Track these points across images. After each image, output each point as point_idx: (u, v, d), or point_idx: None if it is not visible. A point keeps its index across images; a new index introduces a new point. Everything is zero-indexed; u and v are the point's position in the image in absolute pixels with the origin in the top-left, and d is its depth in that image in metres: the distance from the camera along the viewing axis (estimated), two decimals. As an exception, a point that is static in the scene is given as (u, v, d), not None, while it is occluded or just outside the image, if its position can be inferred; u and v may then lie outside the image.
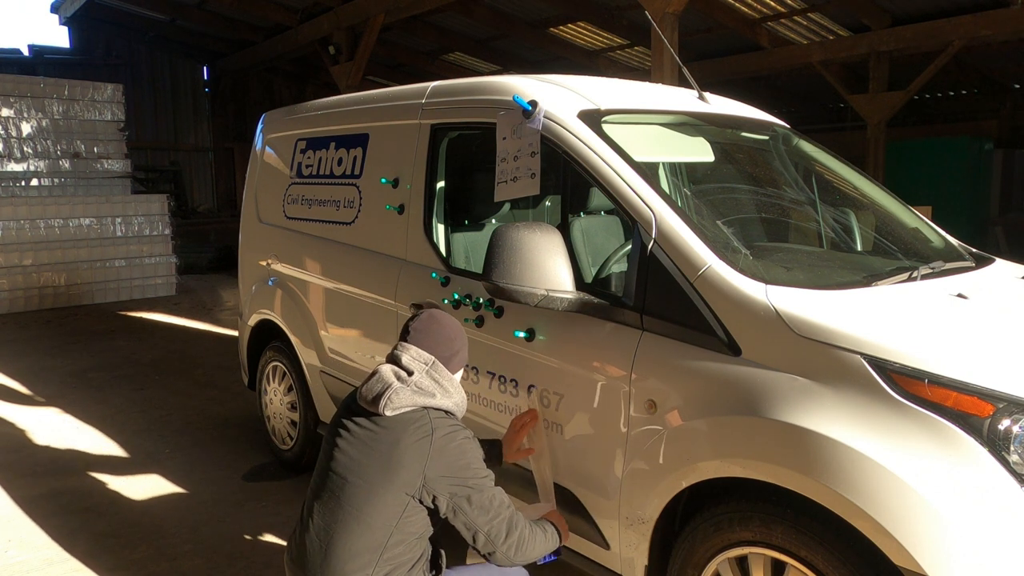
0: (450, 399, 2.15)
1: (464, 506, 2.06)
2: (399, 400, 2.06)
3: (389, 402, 2.05)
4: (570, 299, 2.37)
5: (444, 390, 2.14)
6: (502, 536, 2.09)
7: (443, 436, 2.06)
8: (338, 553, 2.02)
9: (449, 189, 3.25)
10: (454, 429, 2.11)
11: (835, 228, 3.19)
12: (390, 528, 2.02)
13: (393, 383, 2.08)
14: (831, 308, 2.05)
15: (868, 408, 1.85)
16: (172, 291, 10.80)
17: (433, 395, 2.11)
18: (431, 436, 2.04)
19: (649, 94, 3.14)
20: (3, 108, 9.90)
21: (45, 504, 3.92)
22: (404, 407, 2.07)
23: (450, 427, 2.10)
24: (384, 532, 2.02)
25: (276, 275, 4.26)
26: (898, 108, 10.58)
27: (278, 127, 4.46)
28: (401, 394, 2.06)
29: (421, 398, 2.09)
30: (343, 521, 2.04)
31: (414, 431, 2.05)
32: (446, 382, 2.16)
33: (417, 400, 2.08)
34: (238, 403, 5.65)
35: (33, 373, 6.56)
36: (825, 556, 1.89)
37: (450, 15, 12.18)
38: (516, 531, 2.12)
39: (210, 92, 18.15)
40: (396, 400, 2.05)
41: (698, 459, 2.12)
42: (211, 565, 3.30)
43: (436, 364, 2.16)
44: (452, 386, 2.17)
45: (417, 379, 2.11)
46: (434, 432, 2.05)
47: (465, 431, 2.15)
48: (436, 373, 2.15)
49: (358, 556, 2.01)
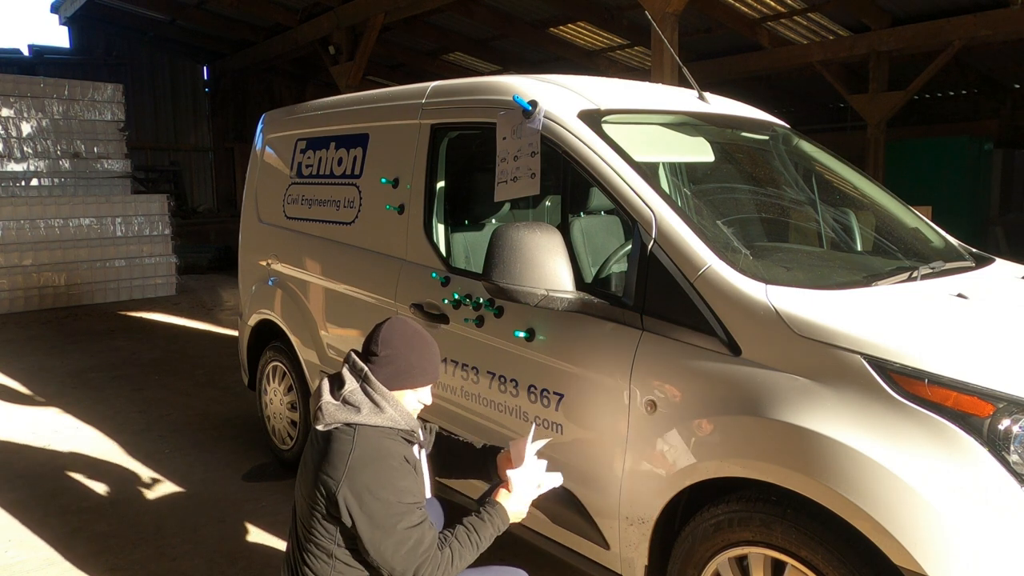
0: (380, 416, 1.98)
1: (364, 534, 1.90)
2: (326, 416, 1.98)
3: (319, 417, 1.99)
4: (570, 299, 2.37)
5: (374, 406, 1.98)
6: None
7: (360, 458, 1.91)
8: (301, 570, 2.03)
9: (449, 189, 3.25)
10: (377, 454, 1.94)
11: (835, 228, 3.19)
12: (332, 546, 1.96)
13: (324, 397, 2.00)
14: (831, 308, 2.05)
15: (868, 408, 1.85)
16: (172, 291, 10.80)
17: (359, 409, 1.97)
18: (348, 456, 1.91)
19: (649, 94, 3.14)
20: (3, 108, 9.90)
21: (45, 504, 3.92)
22: (333, 423, 1.98)
23: (373, 449, 1.94)
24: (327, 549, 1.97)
25: (276, 275, 4.26)
26: (898, 108, 10.58)
27: (278, 127, 4.46)
28: (327, 409, 1.98)
29: (345, 414, 1.97)
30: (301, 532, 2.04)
31: (335, 448, 1.94)
32: (378, 396, 2.00)
33: (340, 416, 1.97)
34: (238, 403, 5.65)
35: (33, 373, 6.56)
36: (825, 556, 1.89)
37: (450, 15, 12.18)
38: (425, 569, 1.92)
39: (210, 92, 18.13)
40: (323, 416, 1.98)
41: (698, 459, 2.12)
42: (211, 565, 3.30)
43: (368, 377, 2.01)
44: (385, 400, 2.00)
45: (347, 392, 2.00)
46: (353, 451, 1.92)
47: (392, 458, 1.96)
48: (368, 386, 2.00)
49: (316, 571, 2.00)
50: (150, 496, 4.02)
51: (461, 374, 2.93)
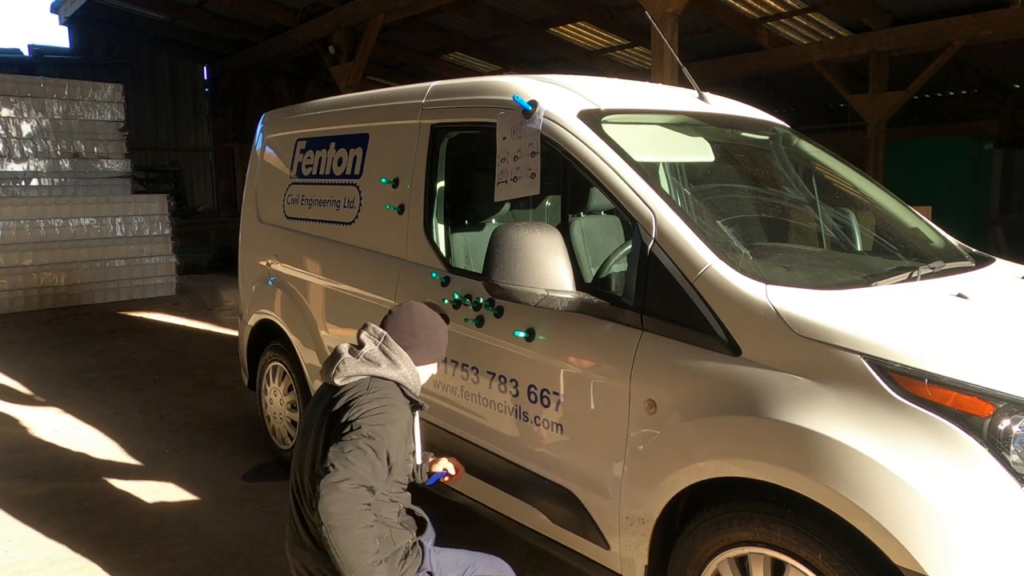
0: (396, 370, 2.19)
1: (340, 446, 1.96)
2: (347, 368, 2.15)
3: (338, 371, 2.15)
4: (570, 299, 2.38)
5: (391, 362, 2.19)
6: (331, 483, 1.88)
7: (373, 396, 2.09)
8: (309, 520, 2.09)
9: (449, 189, 3.25)
10: (389, 400, 2.11)
11: (835, 228, 3.19)
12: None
13: (344, 355, 2.19)
14: (831, 308, 2.05)
15: (868, 408, 1.85)
16: (172, 291, 10.80)
17: (379, 364, 2.17)
18: (365, 393, 2.10)
19: (649, 94, 3.14)
20: (3, 108, 9.90)
21: (45, 504, 3.92)
22: (353, 375, 2.15)
23: (387, 395, 2.12)
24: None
25: (276, 275, 4.26)
26: (898, 108, 10.58)
27: (278, 127, 4.46)
28: (349, 363, 2.16)
29: (366, 367, 2.16)
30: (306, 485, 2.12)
31: (354, 395, 2.11)
32: (395, 355, 2.21)
33: (362, 369, 2.16)
34: (238, 403, 5.65)
35: (33, 373, 6.56)
36: (825, 556, 1.89)
37: (450, 15, 12.18)
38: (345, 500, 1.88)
39: (210, 92, 18.13)
40: (344, 368, 2.15)
41: (698, 459, 2.12)
42: (211, 565, 3.30)
43: (388, 339, 2.23)
44: (401, 360, 2.21)
45: (367, 351, 2.20)
46: (368, 391, 2.10)
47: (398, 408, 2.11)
48: (387, 347, 2.21)
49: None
50: (150, 496, 4.02)
51: (461, 374, 2.93)
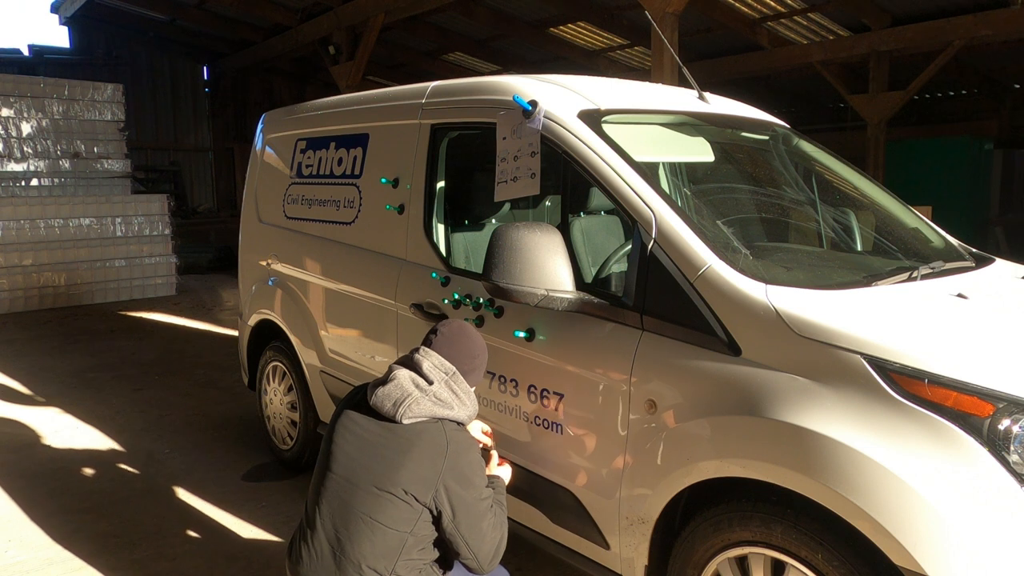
0: (465, 411, 2.15)
1: (461, 521, 2.05)
2: (418, 409, 2.05)
3: (408, 411, 2.04)
4: (570, 299, 2.37)
5: (461, 402, 2.14)
6: (488, 557, 2.10)
7: (456, 451, 2.06)
8: (352, 558, 2.00)
9: (449, 189, 3.25)
10: (467, 445, 2.12)
11: (835, 228, 3.19)
12: (405, 534, 2.02)
13: (413, 392, 2.07)
14: (831, 308, 2.05)
15: (868, 408, 1.85)
16: (172, 291, 10.80)
17: (451, 407, 2.10)
18: (446, 450, 2.04)
19: (649, 94, 3.14)
20: (3, 108, 9.89)
21: (45, 504, 3.92)
22: (421, 417, 2.06)
23: (463, 441, 2.11)
24: (399, 538, 2.02)
25: (276, 275, 4.26)
26: (898, 108, 10.58)
27: (278, 127, 4.46)
28: (421, 404, 2.06)
29: (439, 409, 2.08)
30: (355, 526, 2.01)
31: (428, 442, 2.04)
32: (463, 394, 2.15)
33: (435, 411, 2.07)
34: (238, 403, 5.65)
35: (33, 373, 6.56)
36: (825, 556, 1.89)
37: (450, 15, 12.18)
38: (499, 551, 2.13)
39: (210, 92, 18.14)
40: (415, 409, 2.05)
41: (698, 459, 2.12)
42: (211, 565, 3.30)
43: (456, 375, 2.16)
44: (469, 398, 2.18)
45: (436, 390, 2.10)
46: (448, 446, 2.05)
47: (475, 447, 2.16)
48: (455, 384, 2.14)
49: (378, 560, 2.00)
50: (149, 496, 4.02)
51: (461, 374, 2.93)
